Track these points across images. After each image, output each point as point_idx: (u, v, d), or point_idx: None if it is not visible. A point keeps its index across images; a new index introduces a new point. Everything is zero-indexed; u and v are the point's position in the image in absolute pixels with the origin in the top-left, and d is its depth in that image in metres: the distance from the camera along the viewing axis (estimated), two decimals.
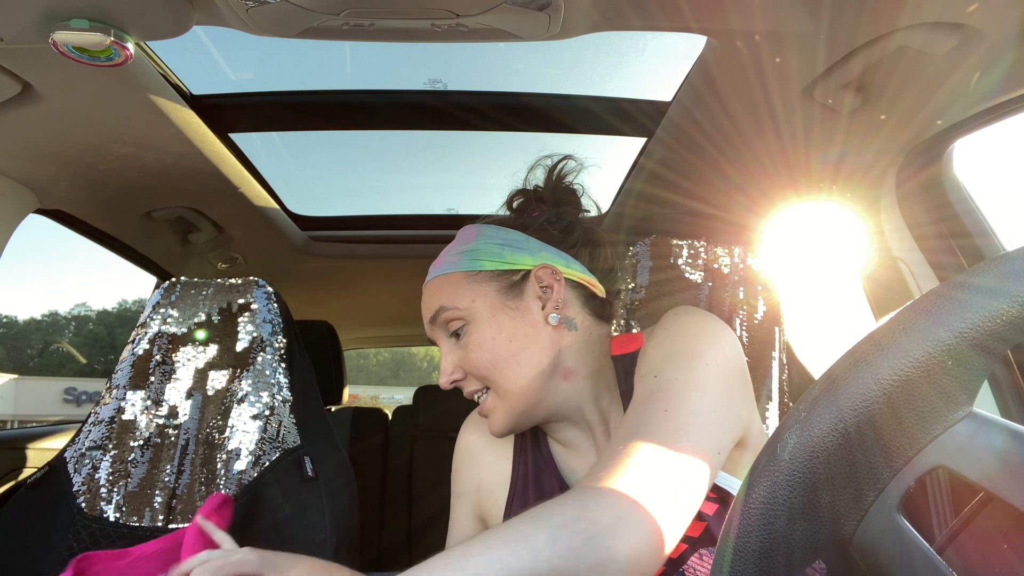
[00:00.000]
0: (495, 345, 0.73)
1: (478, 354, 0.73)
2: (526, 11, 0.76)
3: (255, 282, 1.20)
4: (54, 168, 1.16)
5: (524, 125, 1.34)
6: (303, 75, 1.28)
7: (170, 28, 0.78)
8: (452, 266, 0.78)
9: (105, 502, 1.06)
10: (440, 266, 0.80)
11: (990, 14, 0.75)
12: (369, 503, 2.14)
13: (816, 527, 0.28)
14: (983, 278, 0.26)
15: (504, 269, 0.76)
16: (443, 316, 0.76)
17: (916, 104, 0.95)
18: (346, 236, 1.83)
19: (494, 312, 0.74)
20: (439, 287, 0.78)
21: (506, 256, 0.77)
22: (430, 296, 0.79)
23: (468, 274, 0.77)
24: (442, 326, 0.77)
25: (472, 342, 0.74)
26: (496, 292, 0.75)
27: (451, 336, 0.77)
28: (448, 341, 0.77)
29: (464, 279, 0.76)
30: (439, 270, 0.80)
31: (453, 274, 0.78)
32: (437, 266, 0.81)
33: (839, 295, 1.31)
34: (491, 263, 0.76)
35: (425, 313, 0.79)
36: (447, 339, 0.77)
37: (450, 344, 0.77)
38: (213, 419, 1.12)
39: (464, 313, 0.75)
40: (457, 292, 0.76)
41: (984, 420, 0.26)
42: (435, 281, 0.79)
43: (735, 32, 0.86)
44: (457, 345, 0.76)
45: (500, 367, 0.72)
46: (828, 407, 0.27)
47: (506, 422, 0.74)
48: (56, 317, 37.18)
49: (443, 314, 0.76)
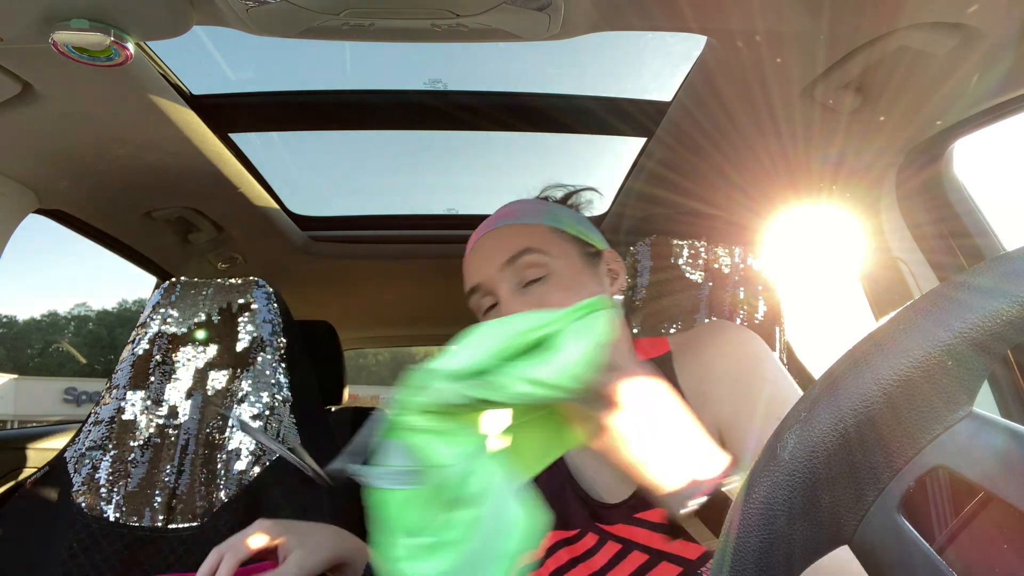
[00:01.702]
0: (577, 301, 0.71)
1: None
2: (526, 11, 0.76)
3: (255, 282, 1.20)
4: (54, 168, 1.16)
5: (524, 125, 1.34)
6: (303, 75, 1.28)
7: (170, 28, 0.78)
8: (534, 218, 0.75)
9: (105, 502, 1.06)
10: (517, 216, 0.76)
11: (990, 14, 0.75)
12: None
13: (816, 527, 0.28)
14: (983, 278, 0.26)
15: (583, 239, 0.76)
16: (527, 258, 0.71)
17: (916, 104, 0.95)
18: (346, 236, 1.83)
19: (576, 272, 0.72)
20: (520, 232, 0.74)
21: (583, 229, 0.77)
22: (509, 238, 0.74)
23: (553, 228, 0.75)
24: (518, 270, 0.72)
25: (549, 296, 0.70)
26: (578, 255, 0.74)
27: (520, 285, 0.72)
28: (514, 289, 0.72)
29: (549, 232, 0.74)
30: (518, 219, 0.76)
31: (538, 225, 0.75)
32: (512, 216, 0.77)
33: (839, 295, 1.31)
34: (572, 229, 0.76)
35: (499, 254, 0.72)
36: (512, 287, 0.72)
37: (516, 293, 0.72)
38: (213, 419, 1.12)
39: (550, 262, 0.71)
40: (544, 240, 0.73)
41: (984, 420, 0.26)
42: (514, 226, 0.75)
43: (735, 32, 0.86)
44: (524, 295, 0.71)
45: None
46: (828, 407, 0.27)
47: None
48: (56, 317, 37.19)
49: (528, 256, 0.71)
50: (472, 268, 0.76)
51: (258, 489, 1.06)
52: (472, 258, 0.77)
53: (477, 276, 0.74)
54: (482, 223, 0.80)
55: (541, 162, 1.74)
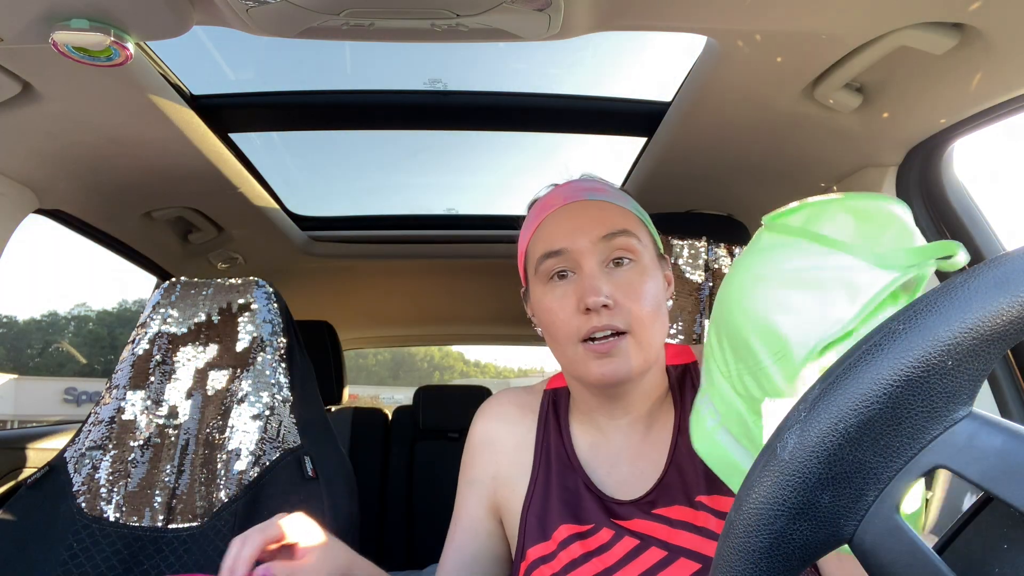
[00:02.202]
0: (656, 295, 0.71)
1: (644, 298, 0.70)
2: (526, 11, 0.76)
3: (255, 282, 1.20)
4: (54, 168, 1.16)
5: (524, 125, 1.34)
6: (303, 75, 1.28)
7: (170, 28, 0.78)
8: (625, 202, 0.76)
9: (105, 502, 1.06)
10: (610, 194, 0.76)
11: (990, 14, 0.75)
12: (369, 503, 2.14)
13: (816, 527, 0.28)
14: (983, 278, 0.27)
15: (655, 239, 0.78)
16: (623, 240, 0.71)
17: (916, 104, 0.95)
18: (346, 236, 1.83)
19: (655, 267, 0.74)
20: (618, 212, 0.74)
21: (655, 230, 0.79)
22: (609, 215, 0.73)
23: (639, 220, 0.76)
24: (611, 249, 0.71)
25: (637, 282, 0.70)
26: (654, 252, 0.76)
27: (605, 263, 0.71)
28: (601, 265, 0.71)
29: (637, 221, 0.75)
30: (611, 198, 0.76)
31: (630, 211, 0.75)
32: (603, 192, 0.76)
33: None
34: (651, 227, 0.78)
35: (597, 227, 0.71)
36: (600, 262, 0.71)
37: (603, 268, 0.71)
38: (213, 419, 1.12)
39: (641, 250, 0.72)
40: (638, 229, 0.74)
41: (984, 420, 0.26)
42: (611, 204, 0.75)
43: (735, 32, 0.86)
44: (609, 274, 0.71)
45: (654, 318, 0.70)
46: (828, 407, 0.27)
47: (640, 369, 0.71)
48: (56, 317, 37.20)
49: (624, 237, 0.71)
50: (559, 232, 0.73)
51: (258, 489, 1.06)
52: (560, 221, 0.74)
53: (564, 242, 0.72)
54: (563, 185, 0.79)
55: (541, 162, 1.75)
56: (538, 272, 0.74)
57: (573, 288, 0.71)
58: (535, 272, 0.74)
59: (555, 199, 0.76)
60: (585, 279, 0.70)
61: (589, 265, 0.70)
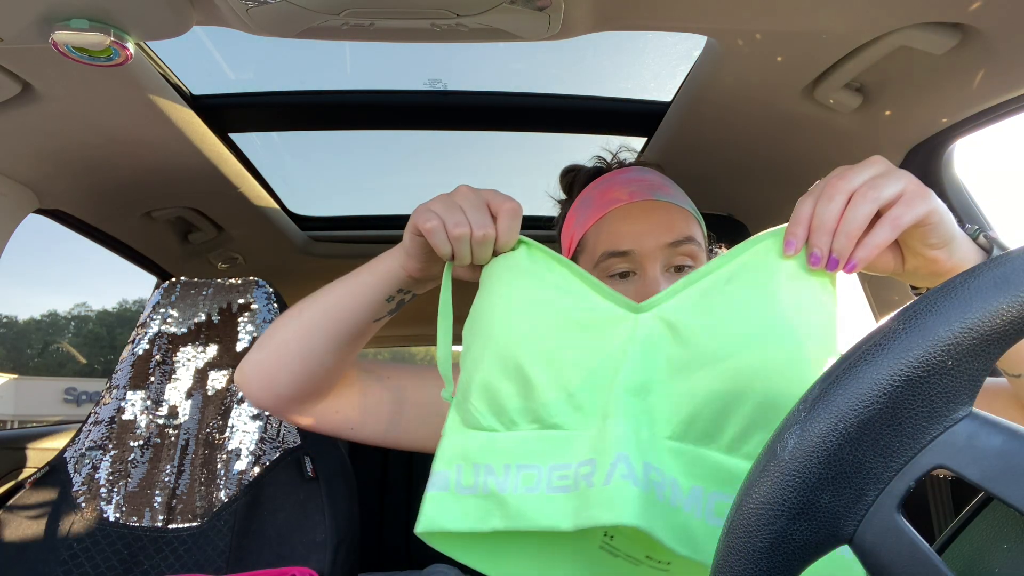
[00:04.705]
0: None
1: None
2: (526, 11, 0.76)
3: (255, 282, 1.20)
4: (54, 168, 1.16)
5: (524, 125, 1.34)
6: (303, 75, 1.28)
7: (170, 28, 0.78)
8: (688, 205, 0.76)
9: (105, 502, 1.06)
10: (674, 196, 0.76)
11: (990, 14, 0.75)
12: (369, 503, 2.14)
13: (816, 527, 0.28)
14: (983, 278, 0.26)
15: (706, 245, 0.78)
16: (688, 247, 0.72)
17: (916, 104, 0.95)
18: (346, 236, 1.83)
19: None
20: (685, 217, 0.74)
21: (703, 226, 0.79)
22: (678, 220, 0.73)
23: (698, 222, 0.76)
24: (676, 254, 0.72)
25: None
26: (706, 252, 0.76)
27: (668, 267, 0.72)
28: (664, 269, 0.72)
29: (698, 226, 0.76)
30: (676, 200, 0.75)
31: (692, 215, 0.76)
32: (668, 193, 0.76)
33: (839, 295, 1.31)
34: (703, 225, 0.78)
35: (666, 233, 0.72)
36: (663, 267, 0.72)
37: (664, 273, 0.72)
38: (213, 419, 1.12)
39: (700, 255, 0.73)
40: (698, 233, 0.75)
41: (984, 420, 0.26)
42: (679, 208, 0.75)
43: (735, 32, 0.86)
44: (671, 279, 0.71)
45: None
46: (828, 407, 0.27)
47: None
48: (56, 317, 37.17)
49: (690, 245, 0.72)
50: (628, 233, 0.72)
51: (258, 489, 1.06)
52: (629, 222, 0.74)
53: (632, 244, 0.72)
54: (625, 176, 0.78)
55: (541, 162, 1.74)
56: (598, 266, 0.74)
57: (634, 289, 0.71)
58: (594, 265, 0.75)
59: (619, 192, 0.76)
60: (648, 284, 0.70)
61: (653, 270, 0.71)
